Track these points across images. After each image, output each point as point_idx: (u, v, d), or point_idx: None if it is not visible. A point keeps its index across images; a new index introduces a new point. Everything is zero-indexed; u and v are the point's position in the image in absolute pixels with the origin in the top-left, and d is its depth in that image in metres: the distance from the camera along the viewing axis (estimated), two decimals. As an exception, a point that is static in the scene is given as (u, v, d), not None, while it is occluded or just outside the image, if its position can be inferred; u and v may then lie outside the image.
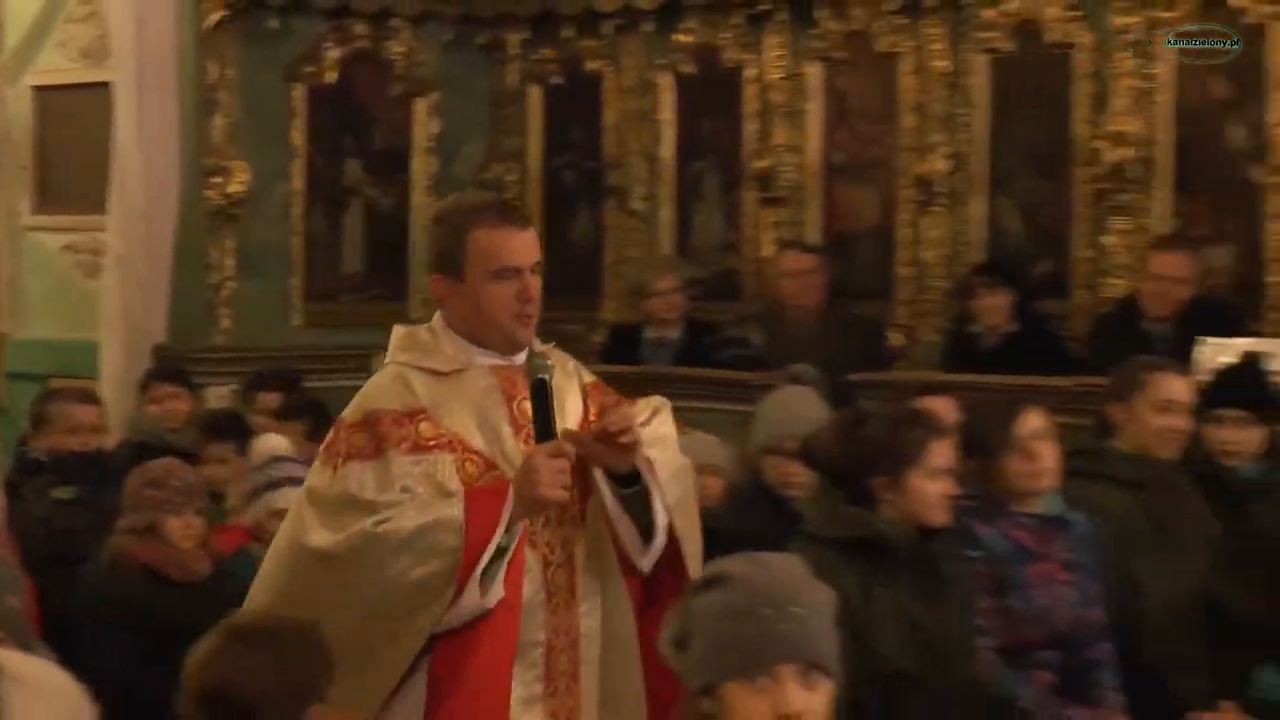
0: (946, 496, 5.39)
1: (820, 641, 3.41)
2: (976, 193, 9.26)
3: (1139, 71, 8.88)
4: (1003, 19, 9.12)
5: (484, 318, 4.26)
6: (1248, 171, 8.69)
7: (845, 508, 5.40)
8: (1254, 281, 8.72)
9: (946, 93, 9.31)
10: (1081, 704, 5.72)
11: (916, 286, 9.40)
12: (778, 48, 9.72)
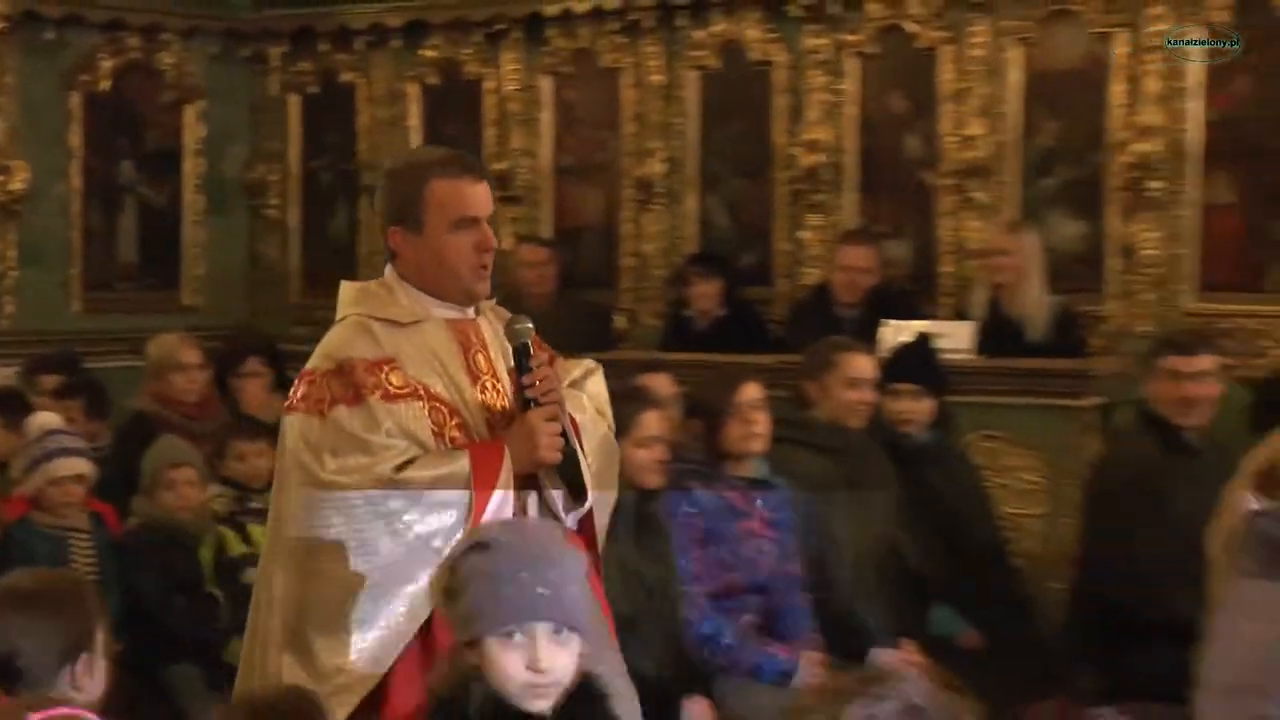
0: (658, 461, 5.56)
1: (571, 603, 3.53)
2: (689, 192, 9.42)
3: (829, 87, 9.06)
4: (710, 39, 9.29)
5: (443, 268, 4.08)
6: (922, 176, 8.92)
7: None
8: (928, 271, 8.97)
9: (662, 104, 9.44)
10: (779, 641, 5.83)
11: (637, 276, 9.56)
12: (513, 63, 9.84)
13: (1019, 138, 8.78)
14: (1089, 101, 8.66)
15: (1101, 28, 8.55)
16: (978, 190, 8.76)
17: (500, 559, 3.53)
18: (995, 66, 8.76)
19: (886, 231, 9.03)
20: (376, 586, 3.92)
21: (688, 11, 9.35)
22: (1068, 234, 8.70)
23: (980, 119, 8.78)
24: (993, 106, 8.79)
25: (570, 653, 3.50)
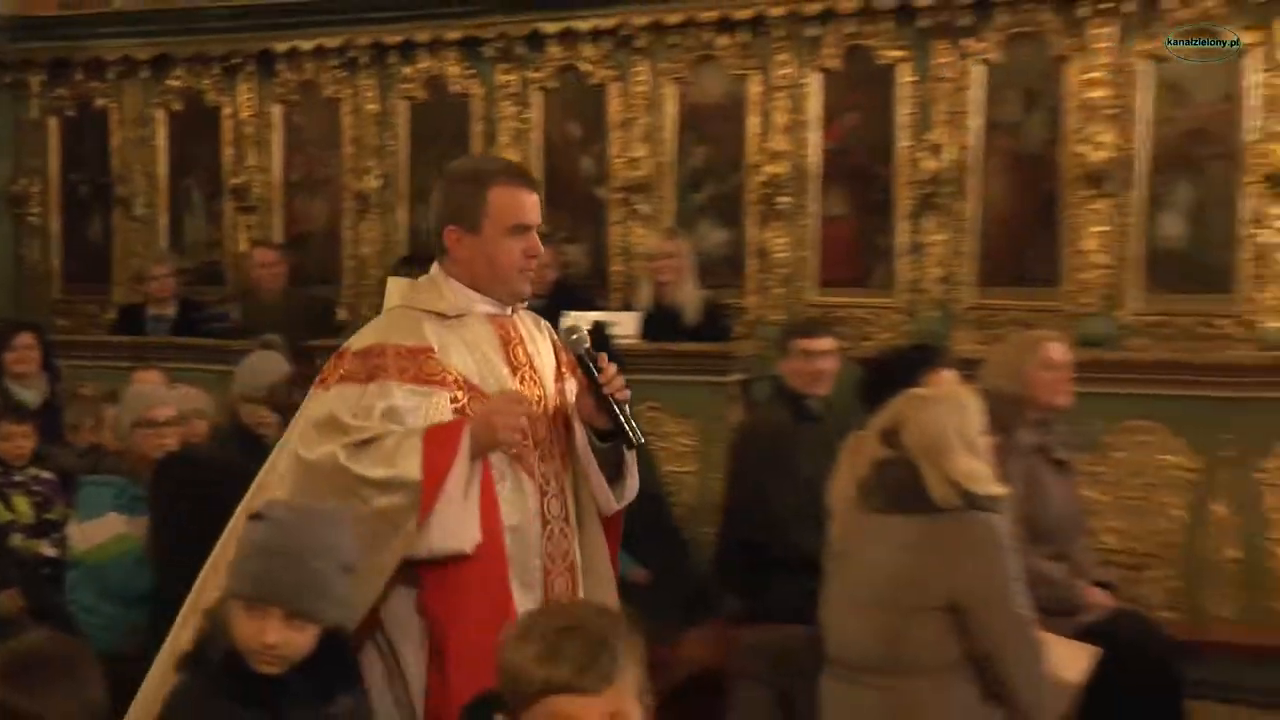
0: None
1: (318, 594, 3.43)
2: (400, 204, 9.58)
3: (517, 116, 9.25)
4: (417, 74, 9.47)
5: (494, 269, 3.89)
6: (595, 191, 9.12)
7: None
8: (601, 270, 9.14)
9: (377, 128, 9.59)
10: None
11: (357, 274, 9.66)
12: (248, 92, 9.91)
13: (674, 160, 8.94)
14: (730, 130, 8.81)
15: (739, 70, 8.74)
16: (641, 203, 8.95)
17: (266, 535, 3.49)
18: (655, 101, 8.92)
19: (566, 236, 9.09)
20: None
21: (398, 51, 9.46)
22: (714, 240, 8.87)
23: (643, 143, 8.94)
24: (653, 134, 8.93)
25: (305, 635, 3.42)
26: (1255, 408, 7.37)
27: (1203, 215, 8.06)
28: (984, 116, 8.36)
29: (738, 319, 8.65)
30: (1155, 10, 8.00)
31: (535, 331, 4.08)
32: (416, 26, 9.40)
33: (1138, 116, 8.07)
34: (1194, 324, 8.03)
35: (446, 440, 3.68)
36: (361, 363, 3.84)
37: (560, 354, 4.13)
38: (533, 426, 3.85)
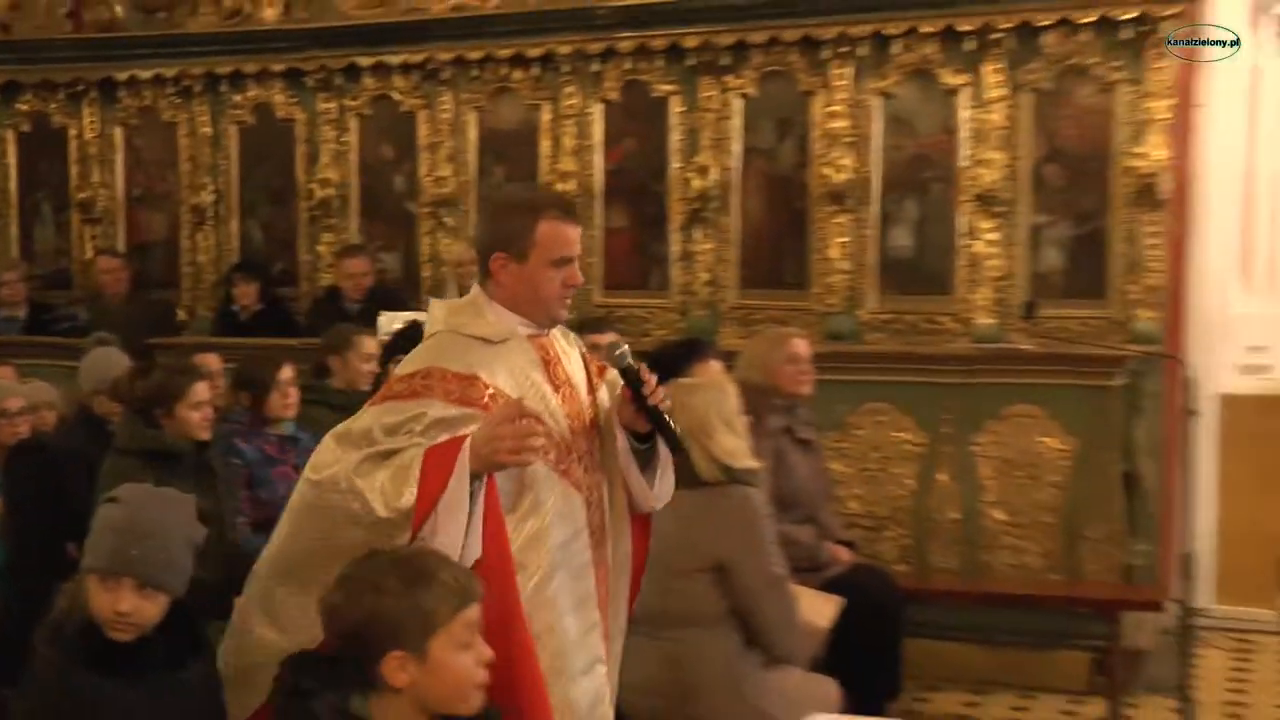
0: (206, 420, 5.55)
1: (164, 567, 3.43)
2: (233, 217, 9.54)
3: (336, 139, 9.22)
4: (246, 101, 9.44)
5: (536, 296, 3.67)
6: (407, 205, 9.17)
7: (143, 429, 5.51)
8: (413, 275, 9.14)
9: (210, 149, 9.53)
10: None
11: (194, 280, 9.58)
12: (92, 116, 9.80)
13: (475, 178, 8.99)
14: (525, 153, 8.88)
15: (532, 100, 8.82)
16: (447, 216, 8.99)
17: (120, 515, 3.48)
18: (458, 126, 8.97)
19: (381, 246, 9.18)
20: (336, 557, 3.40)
21: (229, 80, 9.41)
22: None
23: (448, 164, 8.99)
24: (457, 155, 8.99)
25: (155, 605, 3.40)
26: (970, 391, 7.62)
27: (926, 229, 8.20)
28: (743, 142, 8.45)
29: None
30: (885, 54, 8.10)
31: (567, 347, 3.89)
32: (245, 59, 9.34)
33: (871, 144, 8.20)
34: (920, 321, 8.18)
35: (443, 459, 3.44)
36: (408, 384, 3.66)
37: (589, 365, 3.93)
38: (574, 440, 3.70)
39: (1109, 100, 7.89)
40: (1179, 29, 7.78)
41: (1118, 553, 7.48)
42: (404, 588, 2.80)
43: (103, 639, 3.37)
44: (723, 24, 8.36)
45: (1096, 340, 7.76)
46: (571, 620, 3.62)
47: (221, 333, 8.78)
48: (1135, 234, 7.84)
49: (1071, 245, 8.04)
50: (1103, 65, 7.86)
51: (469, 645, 2.88)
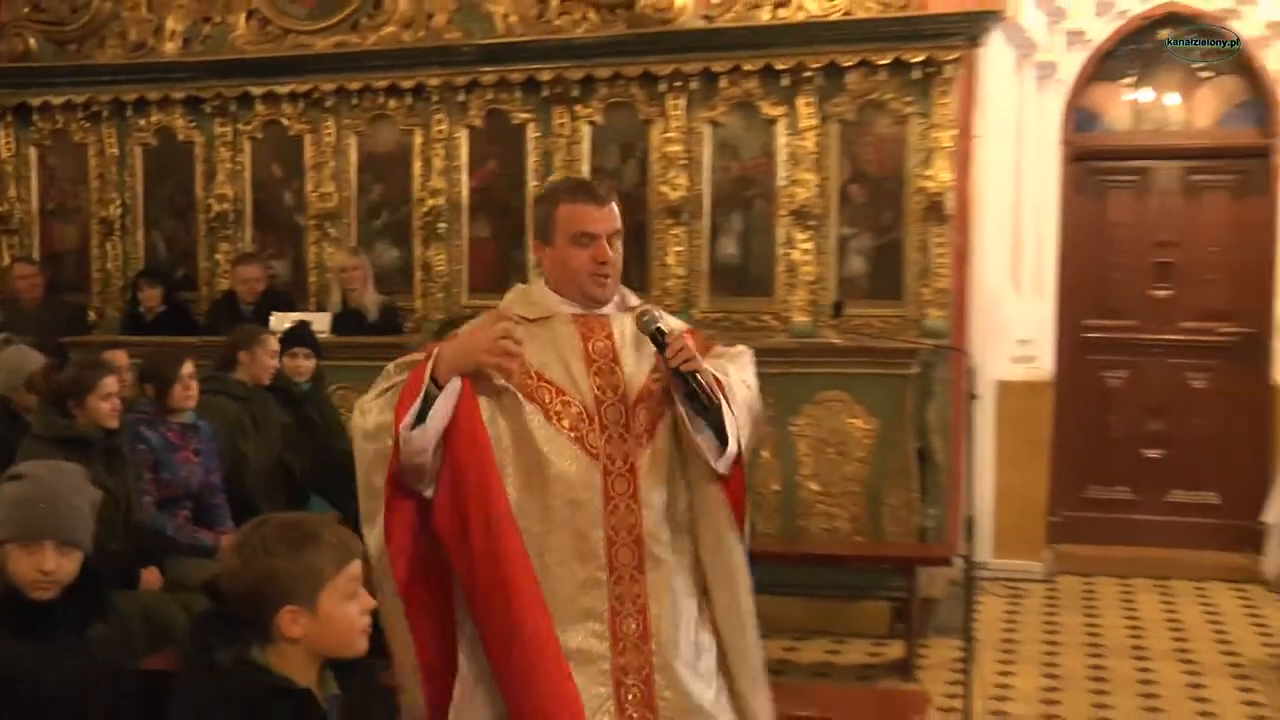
0: (115, 410, 5.54)
1: (76, 526, 3.47)
2: (138, 228, 9.35)
3: (232, 159, 9.07)
4: (150, 125, 9.23)
5: (566, 274, 3.57)
6: (296, 218, 9.04)
7: (57, 418, 5.53)
8: (301, 280, 9.04)
9: (117, 167, 9.30)
10: (206, 529, 5.94)
11: (104, 284, 9.34)
12: (7, 137, 9.56)
13: (356, 194, 8.91)
14: (400, 172, 8.83)
15: (406, 126, 8.77)
16: (331, 228, 8.92)
17: (29, 488, 3.51)
18: (340, 148, 8.88)
19: (272, 254, 9.04)
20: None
21: (134, 106, 9.24)
22: (389, 256, 8.87)
23: (331, 181, 8.89)
24: (339, 174, 8.90)
25: (73, 561, 3.44)
26: (789, 380, 7.62)
27: (749, 239, 8.28)
28: (591, 164, 8.43)
29: (408, 317, 8.68)
30: (713, 88, 8.17)
31: (630, 329, 3.63)
32: (148, 88, 9.17)
33: (702, 166, 8.28)
34: (745, 318, 8.26)
35: (416, 375, 3.36)
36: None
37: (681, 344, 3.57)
38: (599, 410, 3.50)
39: (903, 130, 8.02)
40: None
41: (913, 517, 7.62)
42: (292, 550, 2.73)
43: (20, 603, 3.36)
44: (572, 61, 8.39)
45: (894, 335, 7.86)
46: (562, 571, 3.42)
47: (128, 332, 8.62)
48: (926, 245, 7.97)
49: (873, 254, 8.14)
50: (897, 101, 8.00)
51: (353, 596, 2.81)
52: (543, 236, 3.65)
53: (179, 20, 9.27)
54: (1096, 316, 9.18)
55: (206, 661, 2.71)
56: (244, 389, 6.61)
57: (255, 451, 6.56)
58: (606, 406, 3.50)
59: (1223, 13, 8.53)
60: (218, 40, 9.20)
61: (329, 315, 8.43)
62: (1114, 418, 9.19)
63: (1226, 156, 8.85)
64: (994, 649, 7.26)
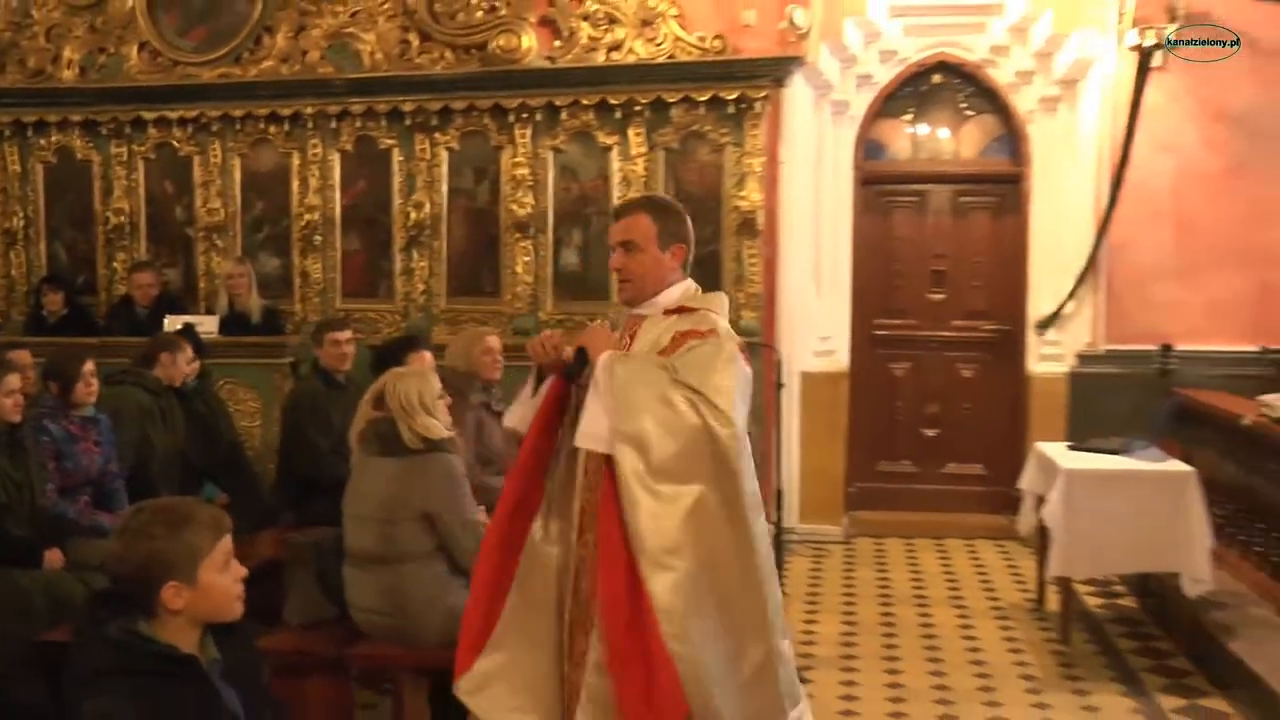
0: (18, 405, 5.38)
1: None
2: (40, 239, 9.09)
3: (127, 177, 8.86)
4: (50, 144, 9.00)
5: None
6: (187, 230, 8.86)
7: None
8: (192, 286, 8.83)
9: (20, 184, 9.07)
10: (105, 512, 5.72)
11: (9, 290, 9.08)
12: None
13: (240, 209, 8.78)
14: (280, 190, 8.71)
15: (284, 149, 8.66)
16: (218, 240, 8.76)
17: None
18: (226, 168, 8.74)
19: (165, 263, 8.84)
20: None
21: (34, 127, 8.99)
22: (271, 265, 8.72)
23: (218, 198, 8.74)
24: (225, 191, 8.76)
25: None
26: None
27: (588, 250, 8.31)
28: (448, 184, 8.44)
29: (289, 320, 8.57)
30: (556, 120, 8.23)
31: (656, 330, 3.59)
32: (48, 111, 8.92)
33: (546, 187, 8.31)
34: (585, 319, 7.71)
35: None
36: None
37: (673, 345, 3.53)
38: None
39: (720, 157, 8.12)
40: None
41: None
42: (171, 531, 2.67)
43: None
44: (432, 94, 8.36)
45: None
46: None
47: (32, 334, 8.34)
48: (740, 255, 8.09)
49: (695, 263, 8.14)
50: (715, 132, 8.10)
51: (227, 566, 2.74)
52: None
53: (76, 50, 9.03)
54: (884, 317, 9.25)
55: (98, 634, 2.65)
56: (158, 385, 6.49)
57: (161, 441, 6.41)
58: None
59: (982, 62, 8.77)
60: (113, 69, 8.97)
61: (217, 318, 8.26)
62: (899, 403, 9.28)
63: (987, 181, 9.04)
64: (801, 600, 7.30)
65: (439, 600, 4.64)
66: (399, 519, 4.58)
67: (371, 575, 4.64)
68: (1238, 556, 6.80)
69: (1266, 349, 8.36)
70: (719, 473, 3.39)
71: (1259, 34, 8.25)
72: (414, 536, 4.60)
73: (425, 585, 4.63)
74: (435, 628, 4.63)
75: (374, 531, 4.61)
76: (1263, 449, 6.47)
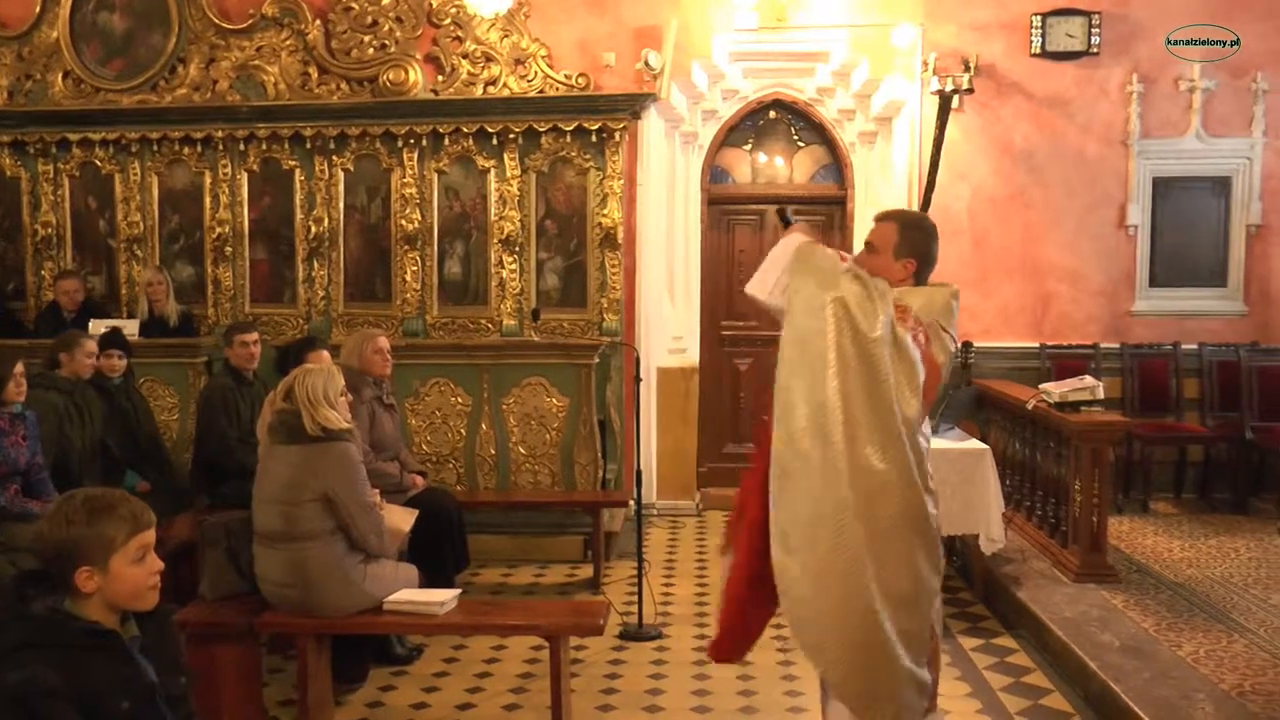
0: None
1: None
2: None
3: (54, 193, 8.66)
4: None
5: None
6: (109, 241, 8.68)
7: None
8: (114, 293, 8.67)
9: None
10: (34, 500, 5.63)
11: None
12: None
13: (157, 223, 8.60)
14: (193, 205, 8.57)
15: (198, 169, 8.52)
16: (138, 250, 8.61)
17: None
18: (144, 185, 8.58)
19: (89, 271, 8.69)
20: None
21: None
22: (186, 273, 8.58)
23: (138, 212, 8.58)
24: (144, 206, 8.59)
25: None
26: (500, 369, 7.69)
27: (469, 261, 8.28)
28: (345, 202, 8.40)
29: (202, 323, 8.47)
30: (440, 145, 8.22)
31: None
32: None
33: (432, 205, 8.28)
34: (467, 322, 8.27)
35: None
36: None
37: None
38: None
39: (584, 180, 8.21)
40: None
41: (597, 471, 7.70)
42: (89, 520, 2.57)
43: None
44: (329, 121, 8.34)
45: (580, 334, 8.06)
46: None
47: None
48: (603, 265, 8.17)
49: (563, 273, 8.26)
50: (580, 157, 8.20)
51: (142, 560, 2.62)
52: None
53: (5, 76, 8.85)
54: (729, 319, 9.35)
55: (23, 610, 2.57)
56: (69, 383, 6.37)
57: (79, 435, 6.29)
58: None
59: (811, 101, 9.03)
60: (39, 94, 8.78)
61: (137, 322, 8.16)
62: (742, 393, 9.38)
63: (817, 203, 9.20)
64: (660, 567, 7.36)
65: (339, 574, 4.66)
66: (301, 501, 4.59)
67: (278, 552, 4.66)
68: (1023, 519, 7.13)
69: (1045, 345, 8.77)
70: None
71: (1033, 86, 8.71)
72: (315, 517, 4.61)
73: (326, 561, 4.64)
74: (335, 599, 4.66)
75: (279, 513, 4.62)
76: (1041, 429, 6.76)
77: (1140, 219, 8.79)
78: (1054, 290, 8.84)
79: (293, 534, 4.61)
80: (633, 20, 8.55)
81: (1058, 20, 8.61)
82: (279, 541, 4.65)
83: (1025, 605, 5.91)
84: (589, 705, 5.05)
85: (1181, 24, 8.58)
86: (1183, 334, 8.72)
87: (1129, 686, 4.60)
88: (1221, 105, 8.68)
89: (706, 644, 3.43)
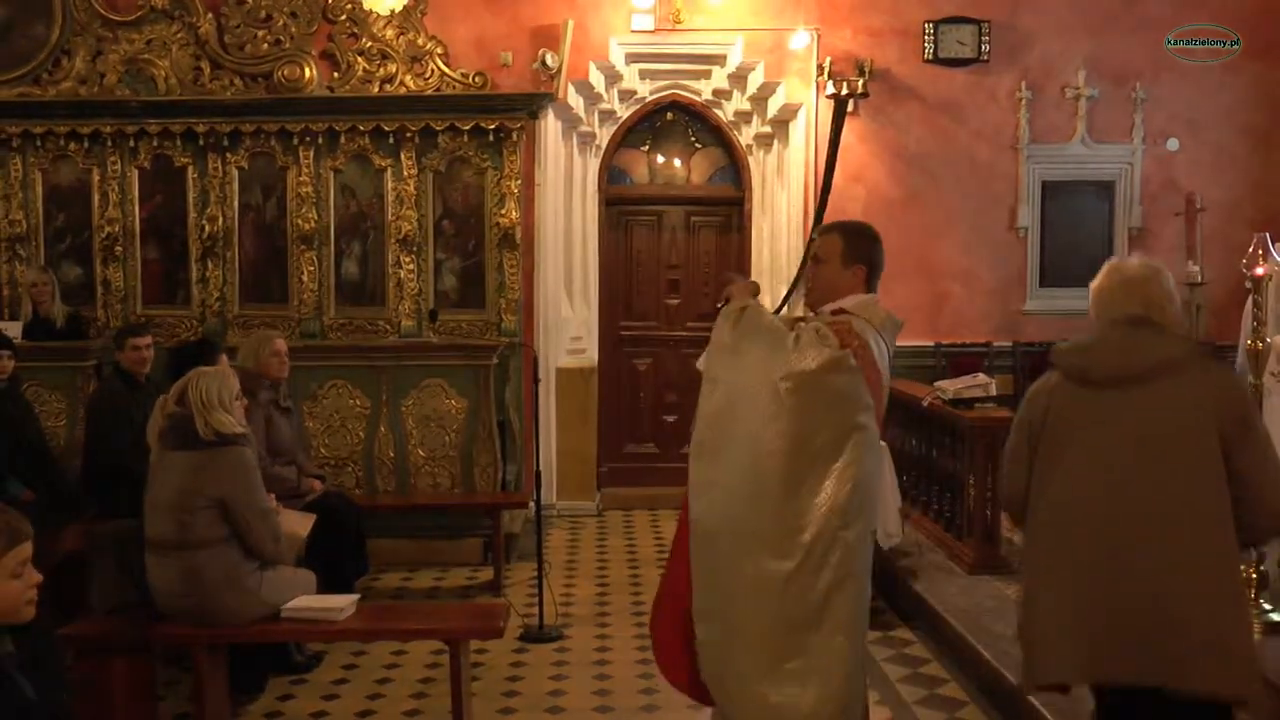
0: None
1: None
2: None
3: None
4: None
5: None
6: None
7: None
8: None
9: None
10: None
11: None
12: None
13: (42, 221, 8.43)
14: (81, 203, 8.39)
15: (85, 165, 8.35)
16: (21, 250, 8.41)
17: None
18: (28, 183, 8.39)
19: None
20: None
21: None
22: (74, 274, 8.40)
23: (20, 211, 8.36)
24: (28, 205, 8.41)
25: None
26: (399, 371, 7.66)
27: (367, 261, 8.29)
28: (239, 200, 8.32)
29: (91, 325, 8.25)
30: (336, 143, 8.23)
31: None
32: None
33: (328, 204, 8.26)
34: (364, 324, 8.26)
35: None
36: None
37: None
38: None
39: (482, 179, 8.26)
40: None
41: (497, 472, 7.71)
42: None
43: None
44: (223, 117, 8.27)
45: (479, 335, 8.08)
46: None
47: None
48: (501, 266, 8.22)
49: (461, 273, 8.31)
50: (477, 157, 8.24)
51: (19, 574, 2.58)
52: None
53: None
54: (628, 319, 9.43)
55: None
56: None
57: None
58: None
59: (708, 103, 9.16)
60: (-94, 89, 8.52)
61: (20, 324, 7.93)
62: (642, 394, 9.47)
63: (714, 204, 9.34)
64: (560, 568, 7.39)
65: (234, 582, 4.63)
66: (194, 507, 4.56)
67: (171, 560, 4.61)
68: (919, 514, 7.24)
69: (939, 344, 8.99)
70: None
71: (926, 91, 8.93)
72: (209, 523, 4.58)
73: (221, 568, 4.61)
74: (231, 607, 4.64)
75: (172, 520, 4.57)
76: (937, 426, 6.89)
77: (1030, 221, 9.06)
78: (948, 290, 9.06)
79: (186, 542, 4.56)
80: (530, 19, 8.58)
81: (949, 28, 8.84)
82: (172, 550, 4.60)
83: (922, 598, 6.01)
84: (491, 709, 5.06)
85: (1067, 35, 8.90)
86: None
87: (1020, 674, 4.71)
88: (1104, 113, 9.01)
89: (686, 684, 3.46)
